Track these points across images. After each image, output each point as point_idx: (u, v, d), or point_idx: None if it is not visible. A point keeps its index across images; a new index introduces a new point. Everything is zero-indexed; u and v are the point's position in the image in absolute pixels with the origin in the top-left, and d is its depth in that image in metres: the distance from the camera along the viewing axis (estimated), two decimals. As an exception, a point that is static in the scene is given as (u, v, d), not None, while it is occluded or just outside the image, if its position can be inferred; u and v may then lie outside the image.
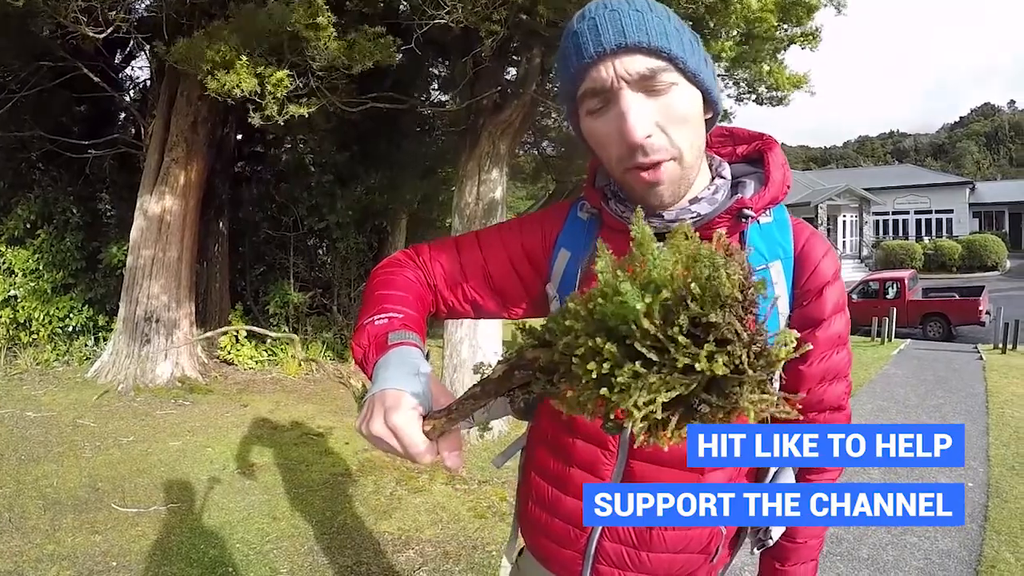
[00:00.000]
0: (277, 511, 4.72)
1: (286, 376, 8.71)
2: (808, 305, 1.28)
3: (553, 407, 1.40)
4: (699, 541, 1.32)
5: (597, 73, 1.11)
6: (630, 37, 1.08)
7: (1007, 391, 9.41)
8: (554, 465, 1.40)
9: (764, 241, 1.27)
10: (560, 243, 1.39)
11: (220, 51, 5.33)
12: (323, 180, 9.38)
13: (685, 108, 1.15)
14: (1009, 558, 4.27)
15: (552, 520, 1.39)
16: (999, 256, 35.88)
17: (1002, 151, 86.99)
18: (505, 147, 6.91)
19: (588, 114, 1.18)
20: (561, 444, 1.38)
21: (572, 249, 1.37)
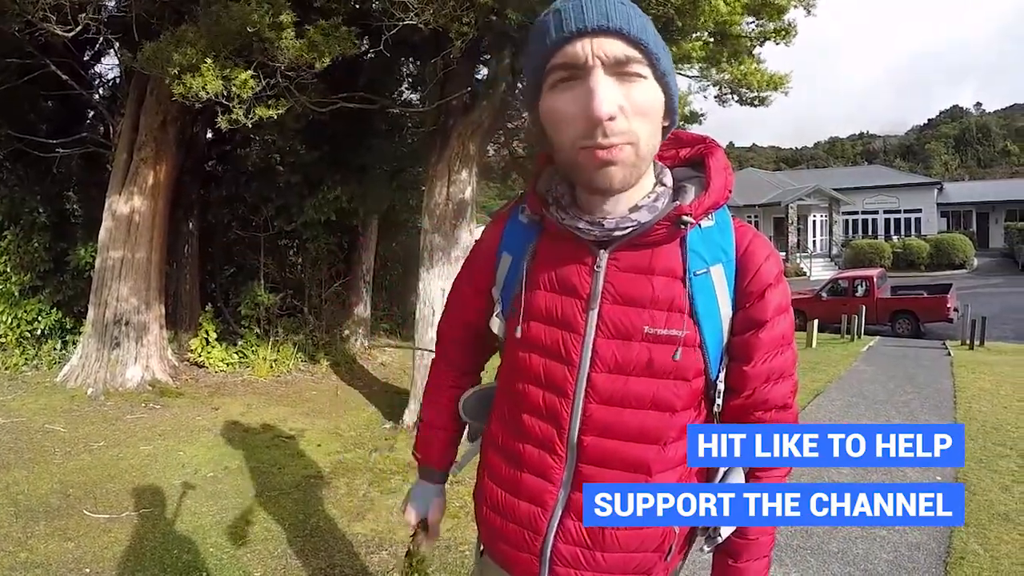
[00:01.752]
0: (250, 515, 4.68)
1: (257, 378, 8.64)
2: (751, 307, 1.31)
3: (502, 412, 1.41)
4: (653, 540, 1.34)
5: (573, 49, 1.13)
6: (612, 21, 1.11)
7: (974, 386, 9.58)
8: (506, 470, 1.41)
9: (705, 245, 1.30)
10: (502, 248, 1.45)
11: (187, 54, 5.28)
12: (292, 180, 9.29)
13: (650, 102, 1.18)
14: (978, 550, 4.34)
15: (507, 524, 1.41)
16: (967, 255, 36.60)
17: (970, 152, 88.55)
18: (475, 148, 6.90)
19: (552, 87, 1.19)
20: (512, 449, 1.40)
21: (513, 252, 1.42)
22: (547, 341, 1.32)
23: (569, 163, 1.23)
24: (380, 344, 10.80)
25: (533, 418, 1.35)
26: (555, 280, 1.32)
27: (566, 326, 1.30)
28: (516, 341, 1.37)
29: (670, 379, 1.28)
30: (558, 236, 1.33)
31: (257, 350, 9.13)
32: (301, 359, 9.35)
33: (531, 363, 1.34)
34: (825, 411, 8.22)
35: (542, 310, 1.33)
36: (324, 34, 5.35)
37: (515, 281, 1.39)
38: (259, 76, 5.51)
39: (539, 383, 1.34)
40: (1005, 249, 41.14)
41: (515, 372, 1.38)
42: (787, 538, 4.49)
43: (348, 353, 9.91)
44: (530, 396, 1.35)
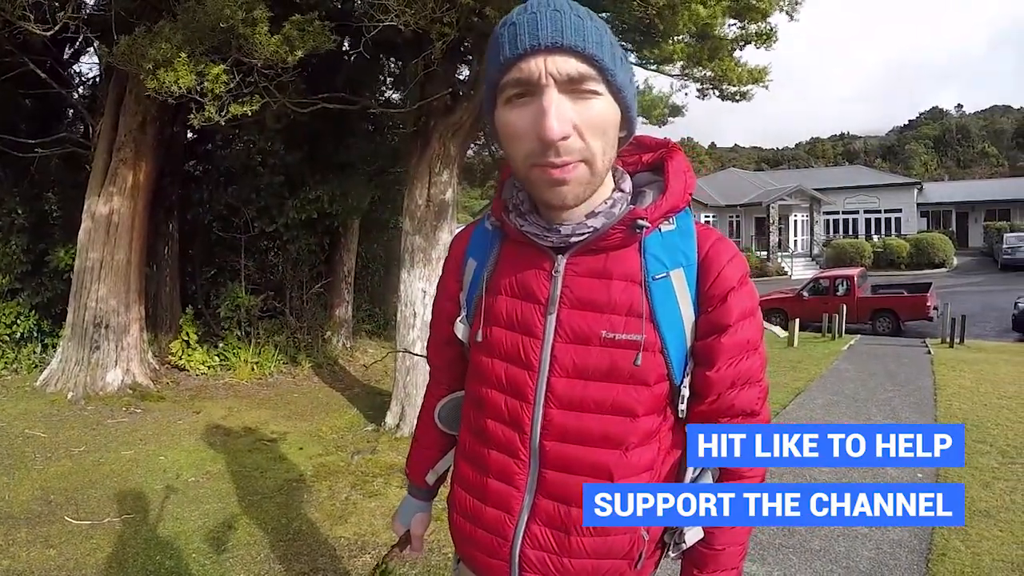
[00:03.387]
0: (232, 519, 4.66)
1: (238, 381, 8.60)
2: (713, 311, 1.29)
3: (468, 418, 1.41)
4: (621, 547, 1.31)
5: (527, 65, 1.12)
6: (567, 39, 1.10)
7: (954, 384, 9.67)
8: (473, 476, 1.41)
9: (665, 249, 1.29)
10: (468, 254, 1.48)
11: (161, 49, 5.24)
12: (273, 181, 9.23)
13: (604, 118, 1.17)
14: (959, 546, 4.37)
15: (476, 530, 1.40)
16: (946, 254, 37.02)
17: (949, 153, 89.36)
18: (456, 148, 6.89)
19: (506, 103, 1.18)
20: (477, 455, 1.40)
21: (478, 258, 1.44)
22: (507, 346, 1.32)
23: (522, 178, 1.24)
24: (362, 345, 10.76)
25: (496, 423, 1.35)
26: (515, 285, 1.33)
27: (526, 331, 1.30)
28: (478, 346, 1.38)
29: (630, 384, 1.26)
30: (519, 242, 1.35)
31: (238, 352, 9.08)
32: (282, 361, 9.31)
33: (493, 368, 1.34)
34: (806, 410, 8.27)
35: (502, 315, 1.34)
36: (299, 29, 5.31)
37: (477, 286, 1.41)
38: (234, 73, 5.47)
39: (501, 388, 1.33)
40: (984, 248, 41.74)
41: (478, 377, 1.38)
42: (769, 536, 4.50)
43: (330, 355, 9.89)
44: (493, 401, 1.35)
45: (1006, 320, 18.04)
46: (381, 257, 12.29)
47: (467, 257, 1.47)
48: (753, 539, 4.41)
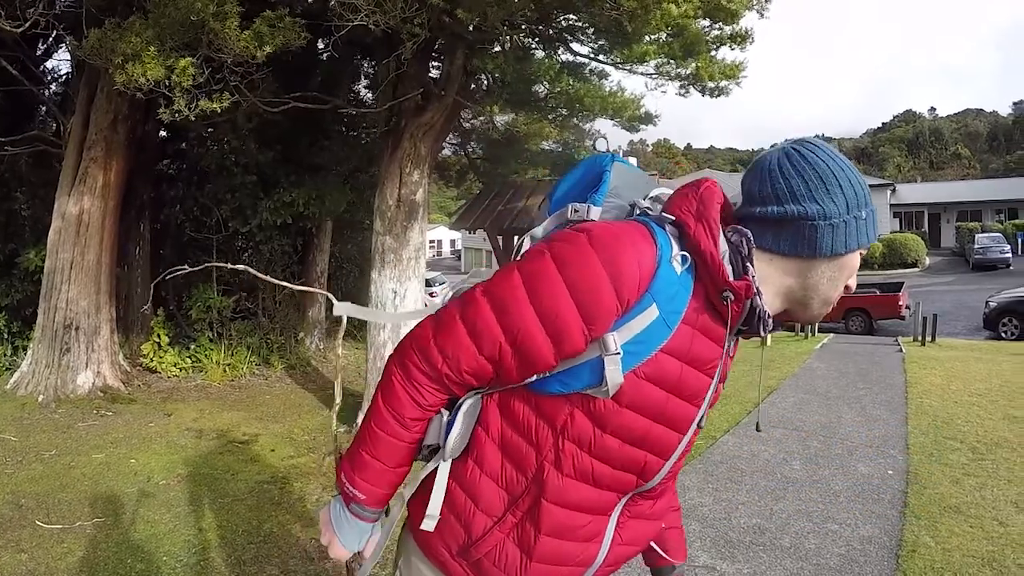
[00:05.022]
0: (203, 522, 4.64)
1: (210, 383, 8.54)
2: None
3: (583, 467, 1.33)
4: None
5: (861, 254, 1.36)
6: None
7: (926, 382, 9.76)
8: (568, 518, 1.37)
9: None
10: (651, 296, 1.25)
11: (131, 43, 5.19)
12: (246, 181, 9.17)
13: None
14: (929, 542, 4.40)
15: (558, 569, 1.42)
16: (919, 254, 37.52)
17: (922, 155, 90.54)
18: (426, 148, 6.88)
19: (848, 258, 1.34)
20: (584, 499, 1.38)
21: (662, 307, 1.25)
22: (668, 409, 1.32)
23: (819, 303, 1.39)
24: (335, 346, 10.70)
25: (627, 473, 1.36)
26: (696, 353, 1.31)
27: (691, 398, 1.33)
28: (631, 402, 1.27)
29: None
30: (705, 306, 1.30)
31: (210, 354, 9.01)
32: (255, 362, 9.25)
33: (643, 427, 1.31)
34: (778, 408, 8.32)
35: (672, 380, 1.29)
36: (270, 25, 5.28)
37: (656, 342, 1.26)
38: (203, 69, 5.42)
39: (644, 445, 1.34)
40: (956, 248, 42.42)
41: (618, 431, 1.30)
42: (739, 534, 4.52)
43: (303, 356, 9.84)
44: (630, 456, 1.34)
45: (977, 319, 18.24)
46: (355, 257, 12.21)
47: (648, 298, 1.24)
48: (723, 537, 4.47)
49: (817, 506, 5.06)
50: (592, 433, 1.29)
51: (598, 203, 1.39)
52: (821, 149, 1.30)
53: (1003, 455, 6.20)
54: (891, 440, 6.77)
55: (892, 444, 6.63)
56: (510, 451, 1.35)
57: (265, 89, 6.18)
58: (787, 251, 1.31)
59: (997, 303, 17.37)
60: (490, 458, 1.36)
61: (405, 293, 7.03)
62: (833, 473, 5.78)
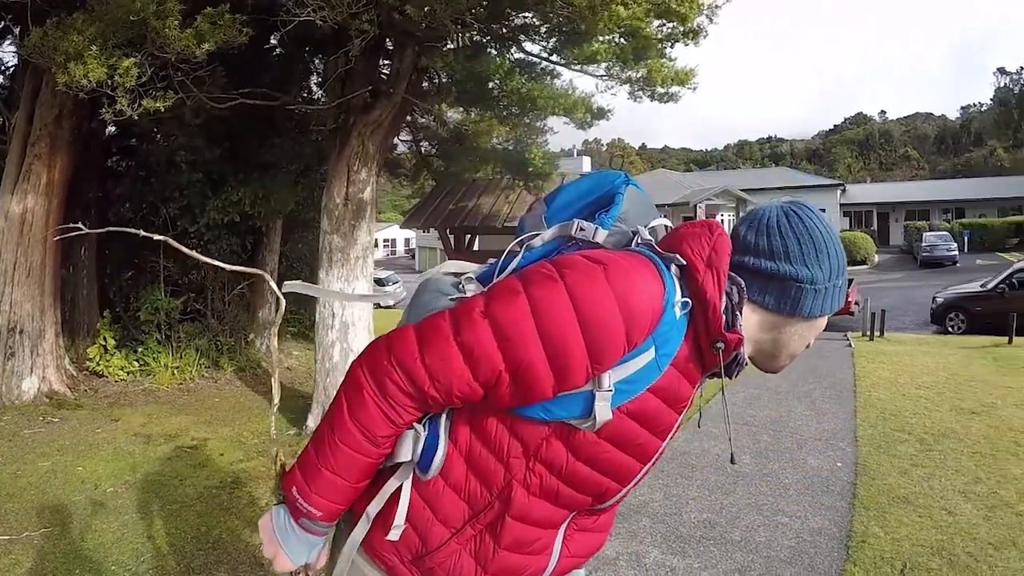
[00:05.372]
0: (152, 529, 4.57)
1: (158, 386, 8.39)
2: None
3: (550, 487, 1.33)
4: None
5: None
6: None
7: (874, 375, 9.97)
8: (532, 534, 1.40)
9: None
10: (652, 339, 1.24)
11: (74, 42, 5.07)
12: (193, 179, 8.99)
13: None
14: (878, 532, 4.49)
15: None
16: (868, 252, 38.47)
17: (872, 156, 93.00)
18: (375, 147, 6.83)
19: (812, 321, 1.39)
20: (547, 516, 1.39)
21: (660, 350, 1.26)
22: (637, 442, 1.33)
23: (786, 356, 1.47)
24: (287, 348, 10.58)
25: (585, 496, 1.38)
26: (673, 392, 1.33)
27: (659, 433, 1.35)
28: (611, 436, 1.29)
29: None
30: (693, 350, 1.33)
31: (158, 357, 8.84)
32: (204, 365, 9.09)
33: (612, 458, 1.33)
34: (729, 404, 8.24)
35: (650, 415, 1.31)
36: (210, 22, 5.19)
37: (646, 382, 1.27)
38: (145, 66, 5.31)
39: (610, 474, 1.35)
40: (904, 246, 43.64)
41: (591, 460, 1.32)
42: (690, 529, 4.56)
43: (253, 358, 9.69)
44: (594, 481, 1.35)
45: (924, 314, 18.64)
46: (306, 257, 11.97)
47: (649, 342, 1.24)
48: (673, 532, 4.50)
49: (767, 499, 5.13)
50: (565, 459, 1.29)
51: (606, 226, 1.36)
52: (816, 216, 1.36)
53: (950, 446, 6.35)
54: (840, 433, 6.90)
55: (841, 437, 6.75)
56: (477, 466, 1.32)
57: (213, 85, 6.06)
58: (771, 306, 1.35)
59: (944, 299, 17.82)
60: (455, 471, 1.33)
61: (353, 292, 6.96)
62: (783, 466, 5.87)
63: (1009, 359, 11.14)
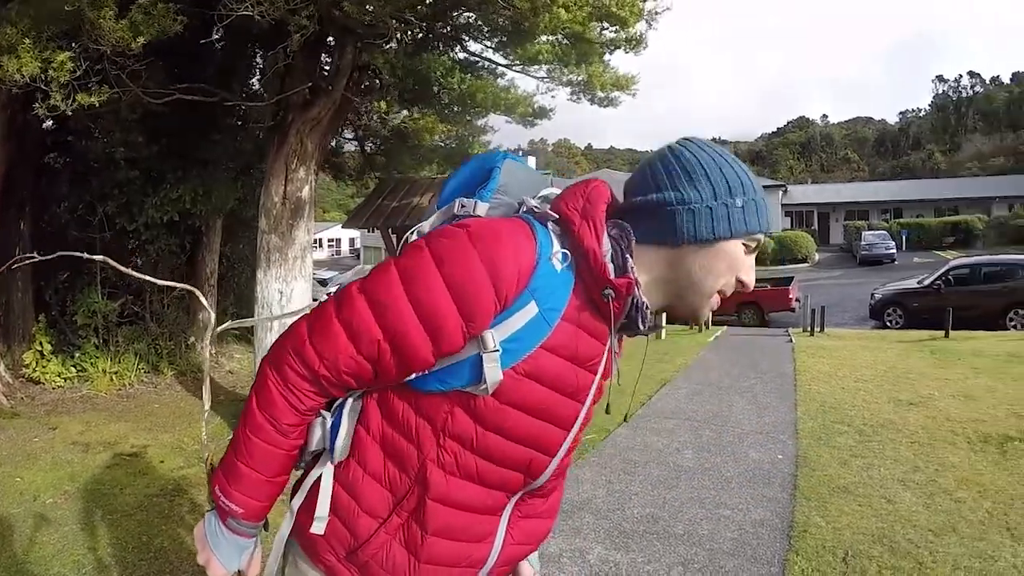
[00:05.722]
0: (93, 540, 4.44)
1: (97, 393, 8.18)
2: None
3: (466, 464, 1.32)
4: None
5: (758, 239, 1.34)
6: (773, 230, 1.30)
7: (814, 369, 10.19)
8: (460, 520, 1.38)
9: None
10: (530, 293, 1.24)
11: (7, 34, 4.92)
12: (131, 176, 8.73)
13: None
14: (820, 522, 4.56)
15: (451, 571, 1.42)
16: (809, 250, 39.43)
17: (814, 159, 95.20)
18: (313, 145, 6.74)
19: (744, 247, 1.34)
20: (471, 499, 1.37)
21: (543, 304, 1.25)
22: (551, 407, 1.32)
23: (700, 293, 1.35)
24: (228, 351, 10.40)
25: (512, 471, 1.36)
26: (578, 351, 1.31)
27: (573, 395, 1.34)
28: (514, 400, 1.27)
29: None
30: (587, 303, 1.30)
31: (96, 362, 8.60)
32: (144, 370, 8.87)
33: (527, 425, 1.31)
34: (671, 400, 8.50)
35: (556, 377, 1.29)
36: (145, 13, 5.07)
37: (534, 338, 1.25)
38: (80, 60, 5.18)
39: (530, 443, 1.34)
40: (844, 245, 44.87)
41: (501, 430, 1.30)
42: (633, 524, 4.59)
43: (193, 361, 9.48)
44: (515, 455, 1.33)
45: (863, 310, 19.14)
46: (247, 257, 11.57)
47: (527, 295, 1.23)
48: (616, 527, 4.52)
49: (709, 493, 5.19)
50: (474, 431, 1.28)
51: (485, 199, 1.36)
52: (695, 145, 1.33)
53: (888, 436, 6.52)
54: (781, 426, 7.03)
55: (782, 430, 6.88)
56: (391, 450, 1.32)
57: (150, 79, 5.92)
58: (656, 240, 1.31)
59: (882, 295, 18.35)
60: (372, 457, 1.33)
61: (291, 293, 6.86)
62: (725, 460, 5.95)
63: (945, 352, 11.47)
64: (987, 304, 16.29)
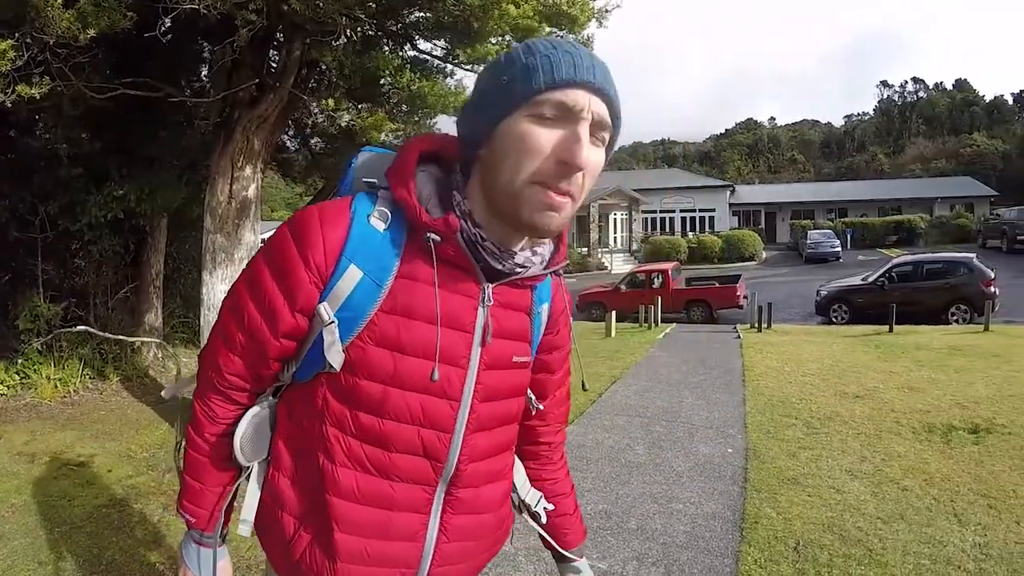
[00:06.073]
0: (41, 554, 4.30)
1: (41, 400, 7.94)
2: (557, 334, 1.53)
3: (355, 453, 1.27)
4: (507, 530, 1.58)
5: (575, 94, 1.12)
6: (609, 89, 1.16)
7: (762, 365, 10.36)
8: (368, 516, 1.30)
9: (542, 287, 1.44)
10: (347, 258, 1.22)
11: (-56, 24, 4.78)
12: (74, 174, 8.40)
13: (599, 168, 1.21)
14: (771, 513, 4.66)
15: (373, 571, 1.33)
16: (756, 249, 40.19)
17: (761, 160, 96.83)
18: (260, 142, 6.64)
19: (536, 119, 1.14)
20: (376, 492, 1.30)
21: (365, 267, 1.22)
22: (409, 374, 1.24)
23: (513, 194, 1.17)
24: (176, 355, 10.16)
25: (408, 456, 1.28)
26: (437, 310, 1.23)
27: (451, 361, 1.26)
28: (378, 375, 1.24)
29: (520, 397, 1.45)
30: (443, 259, 1.23)
31: (40, 368, 8.34)
32: (89, 376, 8.61)
33: (405, 401, 1.24)
34: (622, 396, 8.59)
35: (418, 343, 1.23)
36: (95, 4, 4.95)
37: (368, 304, 1.23)
38: (22, 50, 5.01)
39: (415, 421, 1.26)
40: (791, 243, 45.83)
41: (379, 410, 1.25)
42: (586, 521, 4.51)
43: (140, 366, 9.25)
44: (403, 435, 1.26)
45: (809, 306, 19.48)
46: (194, 258, 11.22)
47: (344, 262, 1.22)
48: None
49: (661, 487, 5.25)
50: (347, 414, 1.26)
51: (341, 192, 1.39)
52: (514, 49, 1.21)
53: (835, 428, 6.68)
54: (730, 421, 7.15)
55: (731, 424, 7.00)
56: (295, 447, 1.34)
57: (94, 72, 5.76)
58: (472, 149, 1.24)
59: (827, 291, 18.71)
60: (284, 458, 1.35)
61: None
62: (676, 455, 6.03)
63: (889, 346, 11.77)
64: (929, 300, 16.75)
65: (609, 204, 42.03)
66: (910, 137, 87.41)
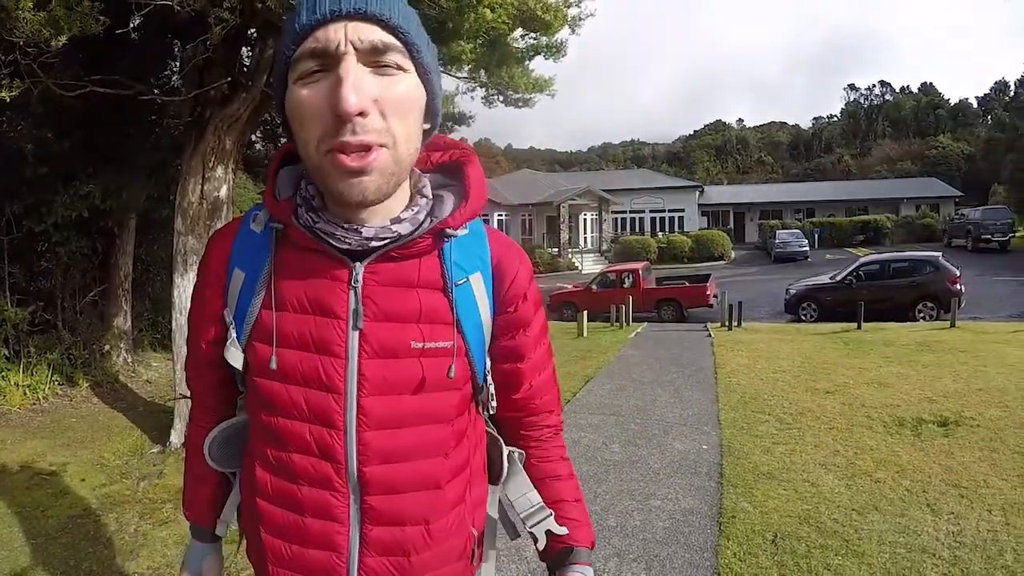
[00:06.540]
0: (16, 567, 4.22)
1: (9, 408, 7.78)
2: (514, 311, 1.33)
3: (265, 454, 1.25)
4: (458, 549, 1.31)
5: (324, 33, 1.00)
6: (371, 6, 1.00)
7: (733, 363, 10.47)
8: (285, 518, 1.25)
9: (463, 255, 1.26)
10: (233, 263, 1.26)
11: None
12: (40, 173, 8.15)
13: (408, 98, 1.07)
14: (747, 507, 4.73)
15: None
16: (725, 248, 40.71)
17: (730, 161, 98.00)
18: (232, 142, 6.52)
19: (299, 79, 1.04)
20: (287, 495, 1.24)
21: (246, 268, 1.24)
22: (304, 369, 1.18)
23: (316, 169, 1.08)
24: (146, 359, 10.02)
25: (304, 456, 1.21)
26: (305, 299, 1.19)
27: (324, 350, 1.18)
28: (266, 372, 1.21)
29: (443, 390, 1.23)
30: (302, 247, 1.19)
31: (7, 375, 8.13)
32: (58, 382, 8.42)
33: (290, 395, 1.19)
34: (595, 395, 8.63)
35: (292, 335, 1.19)
36: (67, 7, 4.86)
37: (251, 302, 1.23)
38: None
39: (303, 417, 1.20)
40: (759, 243, 46.41)
41: (270, 408, 1.22)
42: (566, 517, 4.64)
43: (110, 371, 9.08)
44: (296, 433, 1.20)
45: (778, 304, 19.70)
46: (163, 260, 10.94)
47: (231, 268, 1.26)
48: (552, 521, 4.57)
49: (639, 485, 5.30)
50: (258, 414, 1.26)
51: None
52: None
53: (807, 423, 6.78)
54: (704, 417, 7.22)
55: (705, 421, 7.07)
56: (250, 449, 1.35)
57: (63, 69, 5.64)
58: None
59: (796, 290, 18.97)
60: (246, 463, 1.37)
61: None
62: (651, 452, 6.08)
63: (858, 343, 11.95)
64: (896, 297, 17.04)
65: (579, 205, 42.30)
66: (876, 139, 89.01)
